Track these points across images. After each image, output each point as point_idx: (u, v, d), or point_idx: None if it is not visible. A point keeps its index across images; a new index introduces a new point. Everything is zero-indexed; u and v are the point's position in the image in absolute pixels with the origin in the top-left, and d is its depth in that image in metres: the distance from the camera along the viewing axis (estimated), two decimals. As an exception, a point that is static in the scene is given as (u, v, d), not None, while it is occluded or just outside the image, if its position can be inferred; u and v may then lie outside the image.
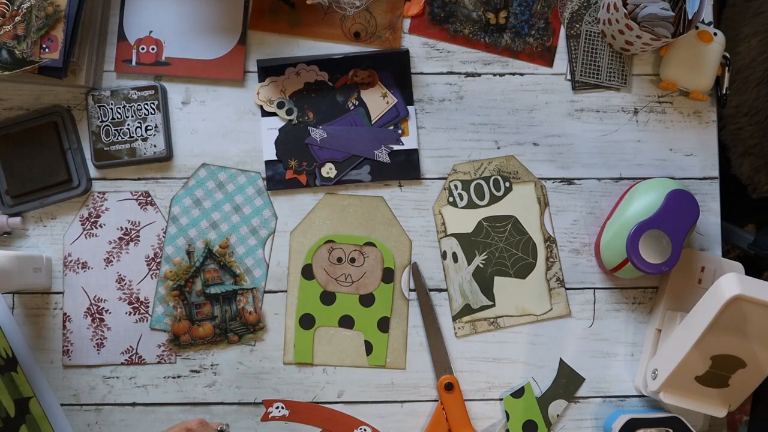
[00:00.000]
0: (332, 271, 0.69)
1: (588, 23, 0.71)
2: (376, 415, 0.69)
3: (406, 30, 0.71)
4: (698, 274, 0.69)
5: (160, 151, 0.68)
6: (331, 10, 0.70)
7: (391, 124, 0.70)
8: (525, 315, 0.70)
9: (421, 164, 0.70)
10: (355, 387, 0.69)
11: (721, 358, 0.61)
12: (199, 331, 0.68)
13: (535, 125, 0.71)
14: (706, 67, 0.69)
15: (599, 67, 0.71)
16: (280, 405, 0.68)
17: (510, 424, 0.68)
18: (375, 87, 0.70)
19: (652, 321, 0.70)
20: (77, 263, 0.69)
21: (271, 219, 0.69)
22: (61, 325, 0.68)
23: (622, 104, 0.71)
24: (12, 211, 0.68)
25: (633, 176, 0.71)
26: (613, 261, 0.67)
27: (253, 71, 0.70)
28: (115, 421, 0.68)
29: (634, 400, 0.70)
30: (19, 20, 0.62)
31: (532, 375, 0.70)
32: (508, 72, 0.71)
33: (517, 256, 0.70)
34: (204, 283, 0.68)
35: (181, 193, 0.69)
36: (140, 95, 0.68)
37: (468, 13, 0.71)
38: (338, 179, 0.69)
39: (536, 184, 0.71)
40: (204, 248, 0.69)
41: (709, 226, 0.71)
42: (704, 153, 0.72)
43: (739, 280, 0.57)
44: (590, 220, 0.71)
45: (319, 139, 0.69)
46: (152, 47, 0.69)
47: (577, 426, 0.69)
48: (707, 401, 0.64)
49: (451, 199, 0.70)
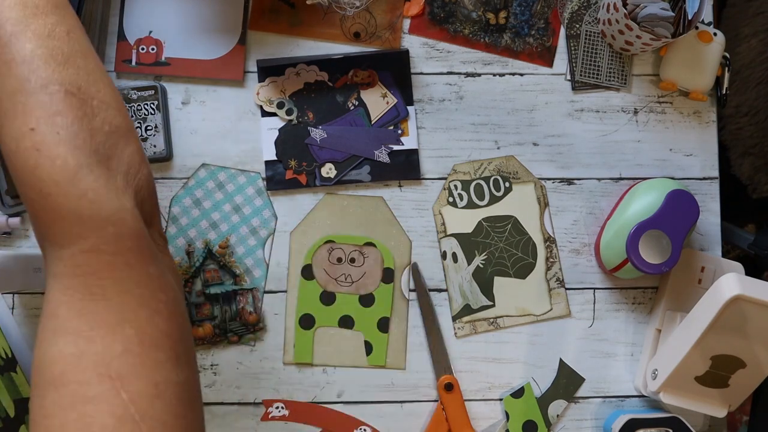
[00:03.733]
0: (332, 272, 0.69)
1: (588, 23, 0.71)
2: (376, 415, 0.69)
3: (406, 30, 0.71)
4: (698, 274, 0.69)
5: (159, 151, 0.68)
6: (331, 10, 0.70)
7: (391, 124, 0.70)
8: (525, 315, 0.70)
9: (421, 164, 0.70)
10: (354, 387, 0.69)
11: (721, 358, 0.61)
12: (199, 331, 0.68)
13: (535, 125, 0.71)
14: (706, 67, 0.69)
15: (599, 67, 0.71)
16: (280, 405, 0.68)
17: (510, 425, 0.68)
18: (375, 87, 0.70)
19: (652, 321, 0.70)
20: (77, 263, 0.68)
21: (271, 219, 0.69)
22: (61, 325, 0.68)
23: (622, 104, 0.71)
24: (12, 211, 0.68)
25: (633, 176, 0.71)
26: (613, 261, 0.67)
27: (253, 71, 0.70)
28: (115, 421, 0.68)
29: (634, 400, 0.70)
30: (19, 20, 0.62)
31: (532, 375, 0.70)
32: (508, 72, 0.71)
33: (517, 256, 0.70)
34: (204, 283, 0.68)
35: (180, 193, 0.69)
36: (140, 95, 0.68)
37: (468, 13, 0.71)
38: (338, 179, 0.69)
39: (536, 184, 0.71)
40: (204, 248, 0.69)
41: (709, 226, 0.71)
42: (704, 153, 0.72)
43: (739, 280, 0.57)
44: (590, 220, 0.71)
45: (319, 139, 0.69)
46: (152, 47, 0.69)
47: (577, 426, 0.69)
48: (707, 401, 0.64)
49: (451, 199, 0.70)
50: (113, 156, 0.42)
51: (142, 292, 0.41)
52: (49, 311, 0.40)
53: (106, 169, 0.41)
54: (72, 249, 0.40)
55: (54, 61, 0.42)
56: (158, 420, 0.38)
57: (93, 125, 0.42)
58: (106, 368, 0.38)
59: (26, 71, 0.41)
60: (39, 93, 0.41)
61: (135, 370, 0.39)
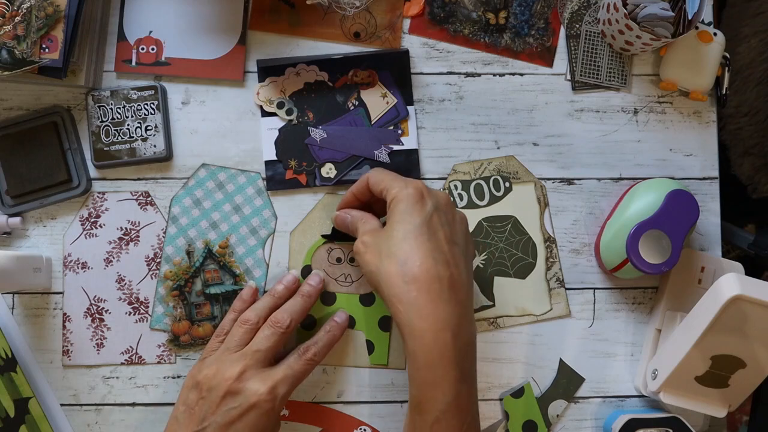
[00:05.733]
0: (332, 271, 0.69)
1: (588, 23, 0.71)
2: (376, 415, 0.69)
3: (406, 30, 0.71)
4: (698, 274, 0.69)
5: (159, 151, 0.68)
6: (331, 10, 0.70)
7: (390, 124, 0.70)
8: (525, 315, 0.70)
9: (421, 164, 0.70)
10: (355, 387, 0.69)
11: (721, 358, 0.61)
12: (199, 331, 0.68)
13: (535, 125, 0.71)
14: (706, 67, 0.69)
15: (599, 67, 0.71)
16: (280, 405, 0.68)
17: (510, 425, 0.68)
18: (375, 87, 0.70)
19: (652, 321, 0.70)
20: (77, 263, 0.69)
21: (271, 219, 0.69)
22: (61, 325, 0.68)
23: (622, 104, 0.71)
24: (12, 211, 0.68)
25: (633, 176, 0.71)
26: (613, 261, 0.67)
27: (253, 71, 0.70)
28: (115, 421, 0.68)
29: (634, 400, 0.70)
30: (19, 20, 0.62)
31: (532, 375, 0.70)
32: (508, 72, 0.71)
33: (516, 256, 0.70)
34: (204, 283, 0.68)
35: (181, 193, 0.69)
36: (140, 95, 0.68)
37: (468, 13, 0.71)
38: (338, 179, 0.69)
39: (536, 184, 0.71)
40: (204, 248, 0.69)
41: (709, 226, 0.71)
42: (704, 153, 0.72)
43: (739, 280, 0.57)
44: (590, 220, 0.71)
45: (319, 139, 0.69)
46: (152, 47, 0.69)
47: (577, 426, 0.69)
48: (707, 401, 0.64)
49: (451, 199, 0.70)
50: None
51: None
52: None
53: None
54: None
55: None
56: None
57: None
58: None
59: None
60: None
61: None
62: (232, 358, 0.59)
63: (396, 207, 0.57)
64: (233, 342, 0.61)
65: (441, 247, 0.55)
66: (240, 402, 0.57)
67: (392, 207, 0.57)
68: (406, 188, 0.57)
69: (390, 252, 0.55)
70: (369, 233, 0.58)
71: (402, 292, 0.53)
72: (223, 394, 0.57)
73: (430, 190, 0.58)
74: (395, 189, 0.57)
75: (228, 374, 0.58)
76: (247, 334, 0.61)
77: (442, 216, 0.57)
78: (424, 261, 0.54)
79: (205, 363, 0.60)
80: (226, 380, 0.58)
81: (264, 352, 0.60)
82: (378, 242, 0.56)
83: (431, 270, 0.53)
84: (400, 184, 0.58)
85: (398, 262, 0.54)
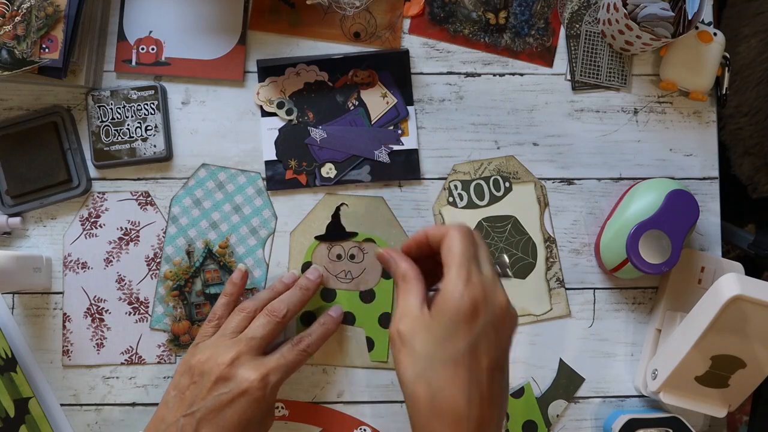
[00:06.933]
0: (332, 268, 0.69)
1: (588, 23, 0.71)
2: (376, 415, 0.69)
3: (406, 30, 0.71)
4: (698, 274, 0.69)
5: (159, 151, 0.68)
6: (331, 10, 0.70)
7: (391, 124, 0.70)
8: (525, 315, 0.70)
9: (421, 164, 0.70)
10: (355, 387, 0.69)
11: (721, 358, 0.61)
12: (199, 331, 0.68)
13: (535, 125, 0.71)
14: (706, 67, 0.69)
15: (599, 67, 0.71)
16: (279, 405, 0.68)
17: (510, 425, 0.68)
18: (375, 87, 0.70)
19: (652, 321, 0.70)
20: (77, 263, 0.69)
21: (271, 219, 0.69)
22: (61, 325, 0.68)
23: (622, 104, 0.71)
24: (12, 211, 0.68)
25: (633, 176, 0.71)
26: (613, 261, 0.67)
27: (253, 71, 0.70)
28: (115, 421, 0.68)
29: (634, 400, 0.70)
30: (19, 20, 0.62)
31: (532, 375, 0.70)
32: (508, 72, 0.71)
33: (516, 256, 0.70)
34: (204, 283, 0.68)
35: (180, 193, 0.69)
36: (140, 95, 0.68)
37: (468, 13, 0.71)
38: (338, 179, 0.69)
39: (536, 184, 0.71)
40: (204, 248, 0.69)
41: (709, 226, 0.71)
42: (704, 153, 0.72)
43: (739, 280, 0.57)
44: (590, 220, 0.71)
45: (319, 139, 0.69)
46: (152, 47, 0.69)
47: (577, 426, 0.69)
48: (707, 401, 0.64)
49: (451, 199, 0.70)
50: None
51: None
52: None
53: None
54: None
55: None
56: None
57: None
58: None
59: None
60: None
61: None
62: (227, 344, 0.59)
63: (445, 308, 0.50)
64: (229, 328, 0.61)
65: (480, 380, 0.49)
66: (231, 388, 0.56)
67: (441, 304, 0.50)
68: (462, 296, 0.49)
69: (424, 373, 0.49)
70: (408, 320, 0.51)
71: (424, 425, 0.49)
72: (215, 379, 0.57)
73: (487, 297, 0.50)
74: (451, 284, 0.50)
75: (221, 359, 0.58)
76: (243, 321, 0.61)
77: (492, 335, 0.50)
78: (457, 398, 0.49)
79: (198, 348, 0.61)
80: (219, 365, 0.57)
81: (259, 339, 0.60)
82: (414, 344, 0.50)
83: (462, 411, 0.49)
84: (462, 278, 0.50)
85: (430, 389, 0.49)
